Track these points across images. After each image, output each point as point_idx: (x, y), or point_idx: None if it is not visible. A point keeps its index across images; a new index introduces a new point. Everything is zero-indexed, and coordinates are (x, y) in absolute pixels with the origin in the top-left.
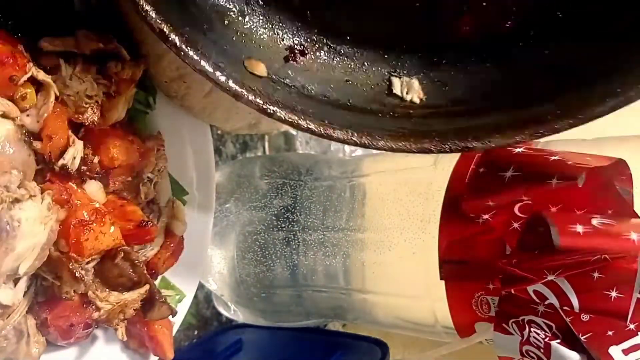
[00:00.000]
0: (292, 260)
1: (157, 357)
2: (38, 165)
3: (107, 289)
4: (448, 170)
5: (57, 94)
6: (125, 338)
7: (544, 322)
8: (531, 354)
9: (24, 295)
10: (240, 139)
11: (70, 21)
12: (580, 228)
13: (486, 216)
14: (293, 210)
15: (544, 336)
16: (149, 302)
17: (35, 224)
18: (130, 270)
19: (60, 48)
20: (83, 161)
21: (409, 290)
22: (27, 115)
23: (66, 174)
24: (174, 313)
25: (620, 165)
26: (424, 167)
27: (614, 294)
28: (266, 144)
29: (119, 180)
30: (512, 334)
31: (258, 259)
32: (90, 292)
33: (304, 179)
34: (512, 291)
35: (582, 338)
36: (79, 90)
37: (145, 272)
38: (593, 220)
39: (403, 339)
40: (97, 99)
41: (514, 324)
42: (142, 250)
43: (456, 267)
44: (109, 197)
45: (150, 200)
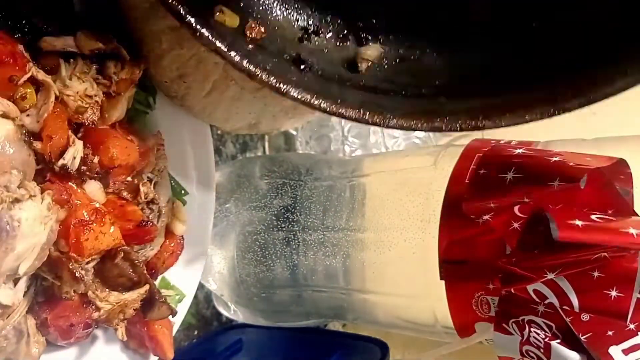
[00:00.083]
0: (292, 260)
1: (157, 357)
2: (38, 165)
3: (107, 289)
4: (448, 170)
5: (57, 94)
6: (125, 338)
7: (544, 322)
8: (531, 354)
9: (24, 295)
10: (240, 139)
11: (70, 21)
12: (579, 222)
13: (486, 216)
14: (293, 210)
15: (544, 336)
16: (149, 302)
17: (35, 224)
18: (130, 270)
19: (60, 48)
20: (83, 161)
21: (409, 290)
22: (27, 115)
23: (66, 174)
24: (174, 313)
25: (621, 165)
26: (424, 167)
27: (614, 293)
28: (266, 144)
29: (119, 180)
30: (512, 334)
31: (258, 259)
32: (90, 292)
33: (304, 179)
34: (512, 291)
35: (582, 338)
36: (79, 90)
37: (145, 272)
38: (592, 217)
39: (403, 339)
40: (97, 99)
41: (514, 324)
42: (142, 250)
43: (456, 267)
44: (109, 197)
45: (150, 200)
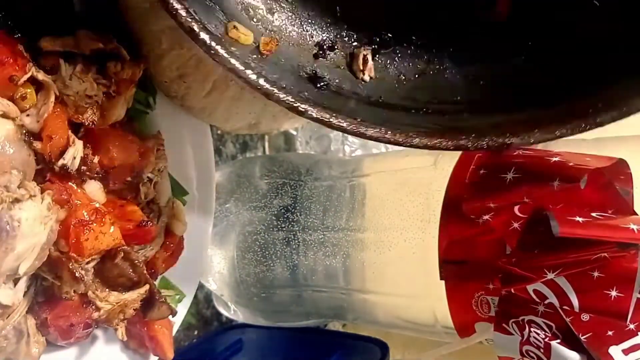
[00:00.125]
0: (292, 260)
1: (157, 357)
2: (38, 165)
3: (107, 289)
4: (448, 170)
5: (57, 94)
6: (125, 338)
7: (544, 322)
8: (531, 354)
9: (24, 295)
10: (240, 139)
11: (70, 21)
12: (579, 219)
13: (486, 216)
14: (293, 210)
15: (544, 336)
16: (149, 302)
17: (35, 224)
18: (130, 270)
19: (60, 48)
20: (83, 161)
21: (409, 290)
22: (27, 115)
23: (66, 174)
24: (174, 313)
25: (621, 165)
26: (424, 167)
27: (613, 293)
28: (266, 144)
29: (119, 180)
30: (512, 334)
31: (258, 259)
32: (90, 292)
33: (304, 179)
34: (512, 291)
35: (582, 338)
36: (79, 90)
37: (145, 272)
38: (592, 214)
39: (403, 339)
40: (97, 99)
41: (514, 324)
42: (142, 250)
43: (456, 267)
44: (109, 197)
45: (150, 200)
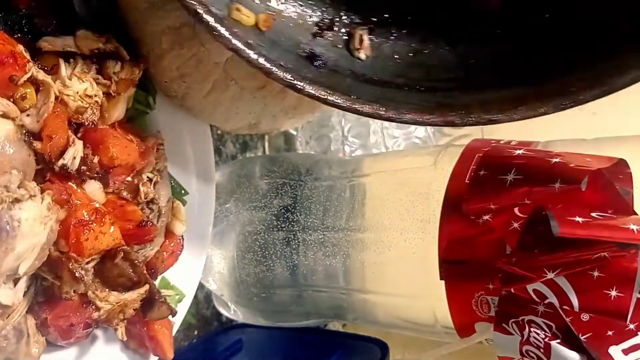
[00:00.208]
0: (292, 260)
1: (157, 357)
2: (38, 165)
3: (107, 289)
4: (448, 170)
5: (57, 94)
6: (125, 338)
7: (544, 322)
8: (531, 354)
9: (24, 295)
10: (240, 139)
11: (70, 21)
12: (579, 219)
13: (486, 217)
14: (293, 210)
15: (544, 336)
16: (149, 302)
17: (35, 224)
18: (130, 270)
19: (60, 48)
20: (83, 161)
21: (409, 290)
22: (27, 115)
23: (66, 173)
24: (173, 313)
25: (621, 165)
26: (424, 167)
27: (613, 293)
28: (266, 144)
29: (119, 180)
30: (512, 334)
31: (258, 259)
32: (90, 292)
33: (304, 179)
34: (512, 290)
35: (582, 338)
36: (79, 90)
37: (145, 272)
38: (592, 214)
39: (403, 339)
40: (97, 99)
41: (514, 324)
42: (142, 250)
43: (456, 267)
44: (109, 197)
45: (150, 200)
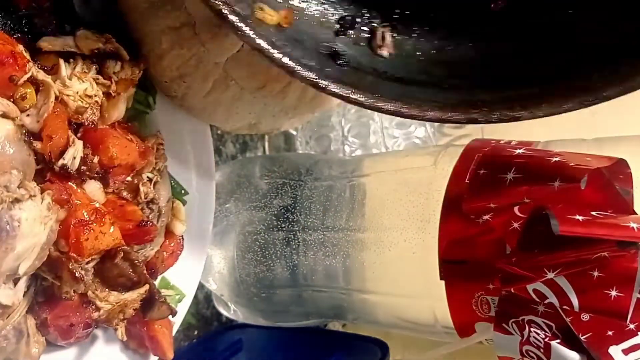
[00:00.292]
0: (292, 260)
1: (157, 357)
2: (38, 165)
3: (106, 289)
4: (448, 170)
5: (57, 94)
6: (125, 338)
7: (544, 322)
8: (531, 354)
9: (24, 295)
10: (240, 139)
11: (70, 21)
12: (579, 217)
13: (486, 216)
14: (293, 210)
15: (544, 336)
16: (149, 302)
17: (35, 224)
18: (130, 270)
19: (60, 48)
20: (83, 161)
21: (409, 290)
22: (27, 115)
23: (66, 173)
24: (173, 313)
25: (621, 165)
26: (424, 167)
27: (613, 293)
28: (266, 144)
29: (119, 180)
30: (512, 334)
31: (258, 259)
32: (90, 292)
33: (304, 179)
34: (512, 290)
35: (582, 338)
36: (79, 90)
37: (145, 272)
38: (593, 213)
39: (403, 339)
40: (97, 99)
41: (514, 324)
42: (142, 250)
43: (456, 267)
44: (109, 197)
45: (150, 200)
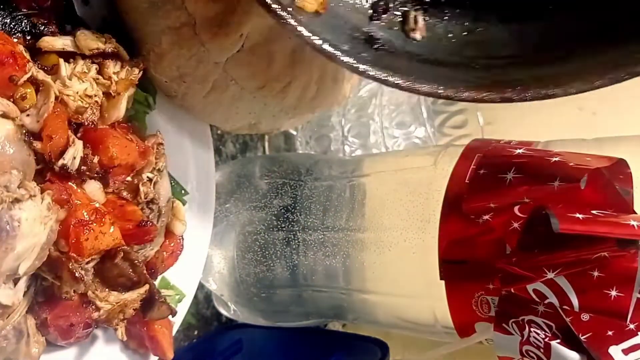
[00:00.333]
0: (292, 260)
1: (157, 357)
2: (38, 165)
3: (106, 289)
4: (448, 170)
5: (57, 94)
6: (125, 338)
7: (544, 322)
8: (531, 354)
9: (24, 295)
10: (240, 139)
11: (70, 21)
12: (580, 215)
13: (486, 216)
14: (293, 210)
15: (544, 336)
16: (149, 302)
17: (35, 224)
18: (130, 270)
19: (60, 48)
20: (83, 161)
21: (409, 290)
22: (27, 115)
23: (66, 173)
24: (173, 313)
25: (621, 165)
26: (424, 167)
27: (613, 293)
28: (266, 144)
29: (119, 180)
30: (512, 334)
31: (258, 259)
32: (90, 292)
33: (304, 179)
34: (512, 290)
35: (582, 338)
36: (79, 90)
37: (144, 272)
38: (593, 212)
39: (403, 339)
40: (97, 99)
41: (514, 324)
42: (142, 250)
43: (456, 267)
44: (109, 197)
45: (150, 200)
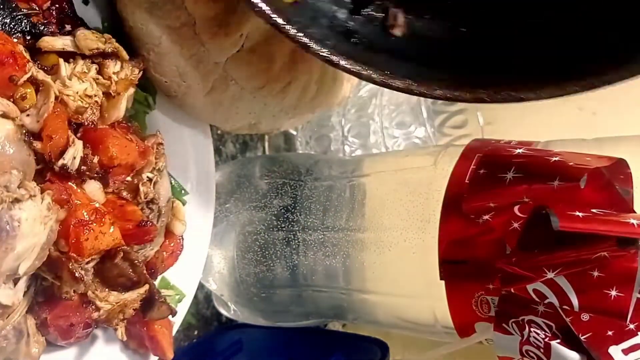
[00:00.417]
0: (292, 260)
1: (157, 357)
2: (38, 165)
3: (106, 289)
4: (448, 170)
5: (57, 94)
6: (125, 338)
7: (544, 322)
8: (531, 354)
9: (24, 295)
10: (240, 139)
11: (70, 21)
12: (580, 214)
13: (486, 216)
14: (293, 210)
15: (544, 336)
16: (149, 302)
17: (35, 224)
18: (130, 270)
19: (60, 48)
20: (83, 161)
21: (409, 290)
22: (27, 115)
23: (66, 173)
24: (173, 313)
25: (621, 165)
26: (424, 167)
27: (613, 293)
28: (266, 144)
29: (119, 180)
30: (512, 334)
31: (258, 259)
32: (90, 292)
33: (304, 179)
34: (512, 290)
35: (582, 338)
36: (79, 90)
37: (144, 272)
38: (593, 210)
39: (403, 339)
40: (97, 99)
41: (514, 324)
42: (142, 250)
43: (456, 267)
44: (109, 197)
45: (150, 200)
